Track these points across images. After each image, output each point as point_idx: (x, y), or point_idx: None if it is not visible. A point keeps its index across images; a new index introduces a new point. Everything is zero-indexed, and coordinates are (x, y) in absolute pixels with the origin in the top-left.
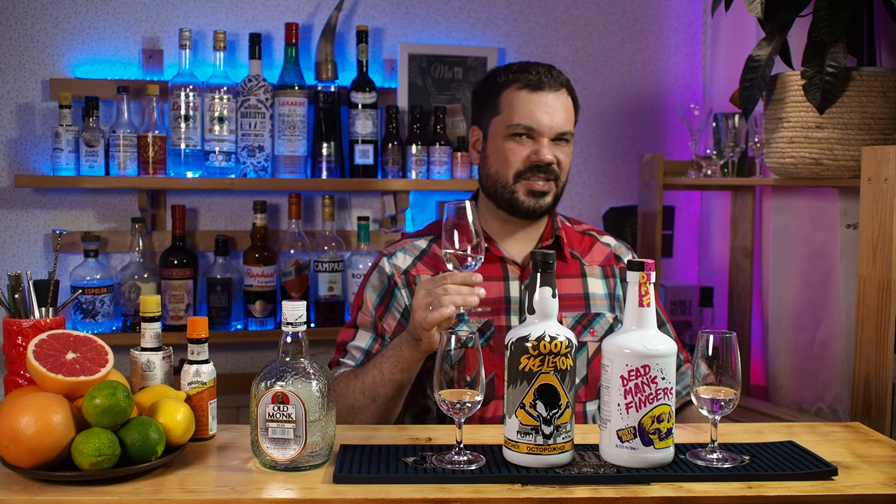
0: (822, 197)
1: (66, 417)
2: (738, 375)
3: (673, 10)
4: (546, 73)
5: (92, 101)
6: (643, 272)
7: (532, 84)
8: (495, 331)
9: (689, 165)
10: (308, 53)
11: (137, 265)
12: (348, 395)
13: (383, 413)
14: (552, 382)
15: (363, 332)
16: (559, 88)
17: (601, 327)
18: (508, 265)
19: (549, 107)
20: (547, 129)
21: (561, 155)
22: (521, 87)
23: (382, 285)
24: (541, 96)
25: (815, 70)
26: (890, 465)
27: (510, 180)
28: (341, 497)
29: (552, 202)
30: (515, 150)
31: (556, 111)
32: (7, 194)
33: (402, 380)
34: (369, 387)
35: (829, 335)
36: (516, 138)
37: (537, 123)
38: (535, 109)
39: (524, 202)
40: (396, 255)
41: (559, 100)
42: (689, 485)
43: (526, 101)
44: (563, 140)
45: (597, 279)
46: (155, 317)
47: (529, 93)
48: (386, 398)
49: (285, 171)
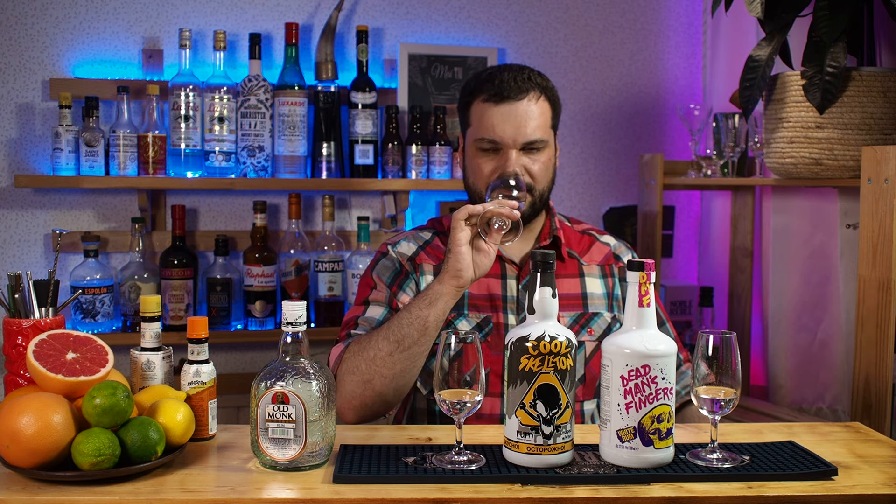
0: (822, 197)
1: (66, 417)
2: (738, 375)
3: (673, 10)
4: (511, 80)
5: (92, 101)
6: (643, 272)
7: (495, 95)
8: (493, 328)
9: (689, 165)
10: (308, 53)
11: (137, 265)
12: (369, 346)
13: (407, 363)
14: (552, 382)
15: (375, 307)
16: (524, 95)
17: (599, 327)
18: (507, 264)
19: (513, 117)
20: (511, 141)
21: (532, 164)
22: (486, 99)
23: (394, 267)
24: (504, 107)
25: (815, 70)
26: (890, 465)
27: (483, 192)
28: (341, 497)
29: (528, 210)
30: (483, 165)
31: (521, 121)
32: (7, 194)
33: (427, 316)
34: (394, 330)
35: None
36: (483, 152)
37: (500, 137)
38: (497, 122)
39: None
40: (400, 243)
41: (526, 107)
42: (689, 485)
43: (489, 114)
44: (534, 149)
45: (595, 279)
46: (155, 317)
47: (493, 105)
48: (411, 340)
49: (285, 171)
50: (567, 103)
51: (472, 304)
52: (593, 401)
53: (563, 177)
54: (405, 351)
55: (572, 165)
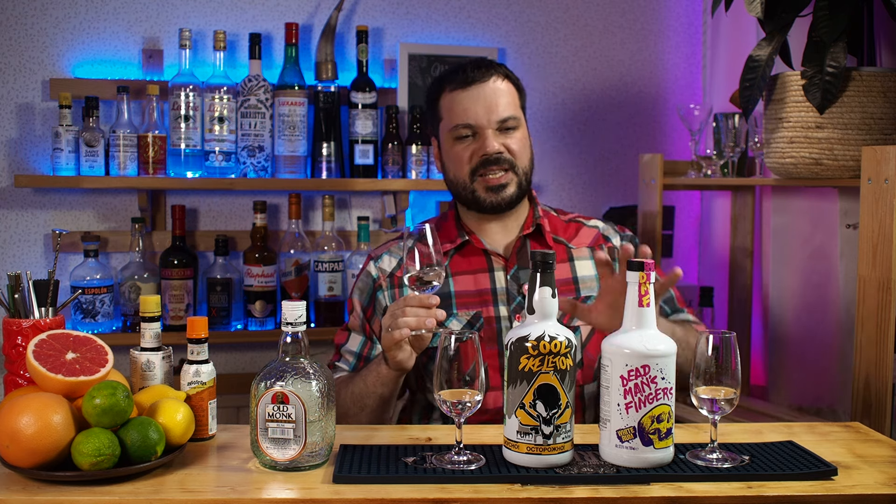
0: (822, 197)
1: (65, 417)
2: (738, 375)
3: (673, 10)
4: (473, 67)
5: (92, 101)
6: (643, 272)
7: (461, 82)
8: (485, 322)
9: (689, 165)
10: (308, 53)
11: (137, 265)
12: (340, 402)
13: (373, 420)
14: (552, 382)
15: (354, 336)
16: (489, 77)
17: None
18: (492, 257)
19: (483, 98)
20: (486, 121)
21: (510, 142)
22: (453, 89)
23: (367, 288)
24: (472, 90)
25: (815, 70)
26: (890, 465)
27: (467, 180)
28: (341, 497)
29: (516, 191)
30: (462, 152)
31: (491, 100)
32: (7, 194)
33: (383, 393)
34: (357, 397)
35: (829, 335)
36: (462, 140)
37: (475, 118)
38: (469, 106)
39: (485, 199)
40: (382, 258)
41: (493, 88)
42: (688, 485)
43: (459, 100)
44: (509, 128)
45: (585, 261)
46: (155, 317)
47: (461, 91)
48: (372, 408)
49: (285, 171)
50: (567, 103)
51: (461, 303)
52: (593, 384)
53: (563, 177)
54: (369, 414)
55: (572, 165)
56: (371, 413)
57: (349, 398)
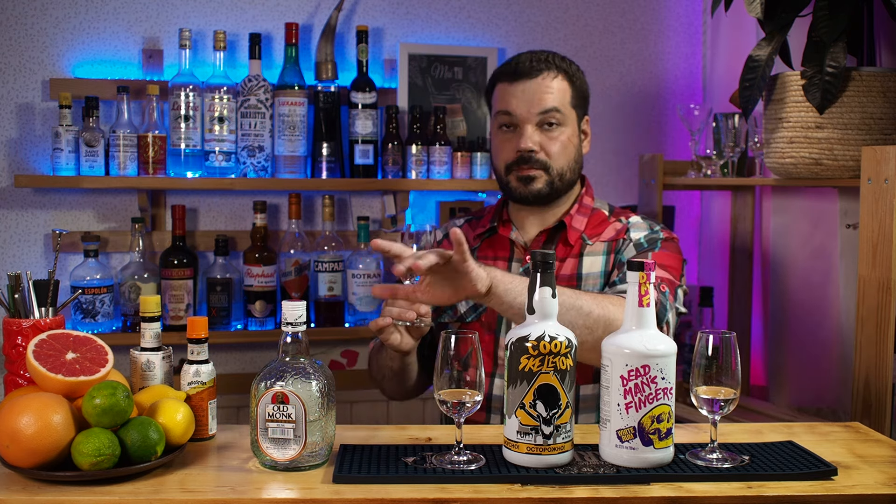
0: (822, 197)
1: (65, 417)
2: (738, 375)
3: (673, 10)
4: (527, 60)
5: (92, 101)
6: (643, 272)
7: (510, 74)
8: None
9: (689, 165)
10: (308, 53)
11: (137, 265)
12: (371, 368)
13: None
14: (552, 382)
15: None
16: (540, 73)
17: None
18: (516, 248)
19: (526, 93)
20: (525, 114)
21: (549, 142)
22: (503, 80)
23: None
24: (519, 84)
25: (815, 70)
26: (890, 465)
27: (503, 172)
28: (341, 497)
29: (545, 188)
30: (503, 143)
31: (535, 96)
32: (7, 194)
33: (392, 367)
34: (380, 366)
35: (829, 335)
36: (503, 129)
37: (514, 109)
38: (511, 98)
39: (515, 189)
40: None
41: (540, 83)
42: (688, 485)
43: (505, 92)
44: (552, 123)
45: (596, 256)
46: (155, 317)
47: (509, 84)
48: (390, 378)
49: (285, 171)
50: None
51: None
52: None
53: None
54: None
55: None
56: (390, 382)
57: (375, 366)
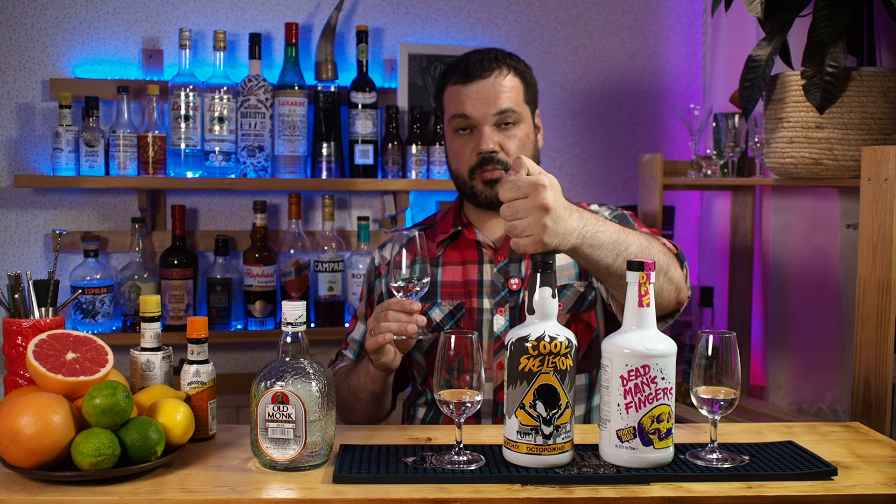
0: (822, 197)
1: (65, 417)
2: (738, 375)
3: (673, 10)
4: (477, 61)
5: (92, 101)
6: (643, 272)
7: (461, 76)
8: (465, 313)
9: (689, 165)
10: (308, 53)
11: (137, 265)
12: (339, 393)
13: (370, 412)
14: (552, 382)
15: (359, 324)
16: (492, 73)
17: (569, 299)
18: (484, 249)
19: (481, 94)
20: (482, 115)
21: (507, 140)
22: (455, 83)
23: (370, 276)
24: (473, 86)
25: (815, 70)
26: (890, 465)
27: (465, 176)
28: (341, 497)
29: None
30: (461, 146)
31: (489, 95)
32: (7, 194)
33: (373, 389)
34: (353, 390)
35: (829, 335)
36: (460, 133)
37: (470, 112)
38: (465, 100)
39: (481, 192)
40: (386, 246)
41: (493, 83)
42: (688, 485)
43: (457, 94)
44: (508, 122)
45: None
46: (155, 317)
47: (462, 86)
48: (366, 402)
49: (285, 171)
50: (567, 103)
51: (446, 293)
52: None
53: (563, 177)
54: (365, 407)
55: (572, 165)
56: (366, 406)
57: (346, 390)
